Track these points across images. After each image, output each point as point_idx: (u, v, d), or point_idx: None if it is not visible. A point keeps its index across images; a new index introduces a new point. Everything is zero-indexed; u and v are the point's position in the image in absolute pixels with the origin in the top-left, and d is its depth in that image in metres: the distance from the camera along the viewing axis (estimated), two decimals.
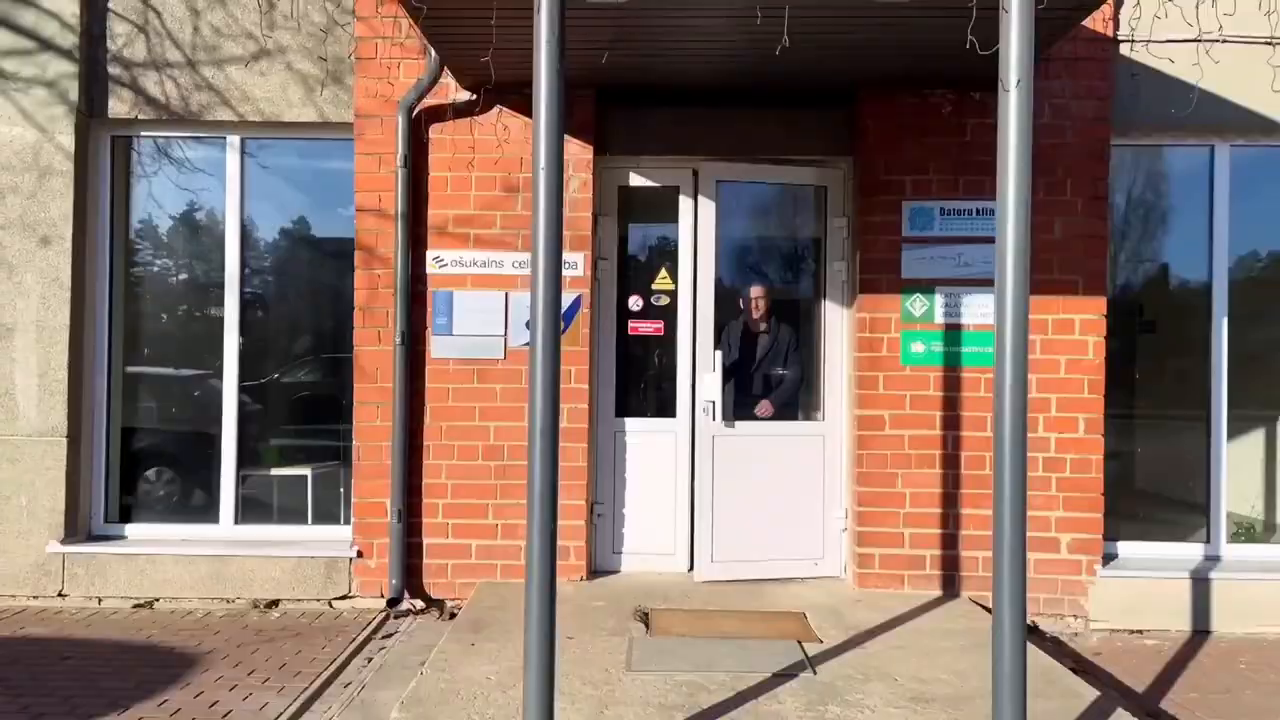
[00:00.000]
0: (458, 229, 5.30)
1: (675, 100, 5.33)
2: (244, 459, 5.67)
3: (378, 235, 5.30)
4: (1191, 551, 5.42)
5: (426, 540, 5.25)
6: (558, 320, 3.04)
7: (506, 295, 5.27)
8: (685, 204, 5.51)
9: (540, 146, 2.97)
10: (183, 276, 5.87)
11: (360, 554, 5.28)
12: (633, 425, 5.47)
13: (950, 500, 5.16)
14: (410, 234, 5.23)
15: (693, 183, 5.50)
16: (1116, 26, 5.19)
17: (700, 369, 5.32)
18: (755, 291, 5.52)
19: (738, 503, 5.25)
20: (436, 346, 5.28)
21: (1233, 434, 5.44)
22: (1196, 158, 5.50)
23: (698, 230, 5.44)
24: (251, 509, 5.67)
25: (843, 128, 5.36)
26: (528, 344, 5.12)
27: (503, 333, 5.27)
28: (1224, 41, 5.10)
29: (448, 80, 5.27)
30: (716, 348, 5.28)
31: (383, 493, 5.23)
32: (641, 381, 5.63)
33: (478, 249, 5.29)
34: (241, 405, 5.63)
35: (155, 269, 5.85)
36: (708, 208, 5.35)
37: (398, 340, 5.19)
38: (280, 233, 5.84)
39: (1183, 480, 5.56)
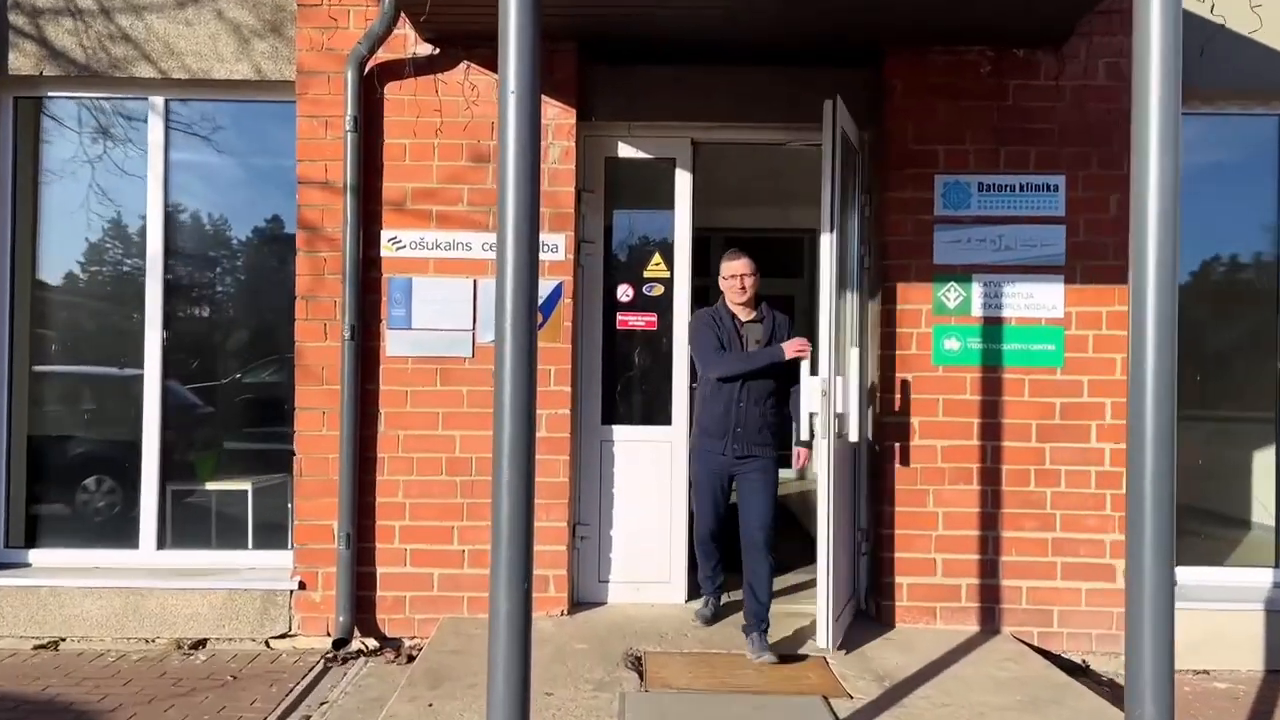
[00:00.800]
0: (418, 205, 4.54)
1: (672, 57, 4.59)
2: (173, 472, 4.88)
3: (323, 211, 4.53)
4: (1261, 578, 4.75)
5: (380, 569, 4.49)
6: (531, 310, 2.31)
7: (475, 283, 4.52)
8: (682, 179, 4.77)
9: (509, 75, 2.22)
10: (100, 261, 5.07)
11: (302, 585, 4.50)
12: (622, 434, 4.74)
13: (989, 521, 4.46)
14: (362, 210, 4.47)
15: (691, 154, 4.77)
16: None
17: None
18: (739, 266, 4.16)
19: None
20: (392, 342, 4.52)
21: None
22: (1265, 127, 4.83)
23: (695, 207, 4.71)
24: (181, 531, 4.88)
25: (863, 90, 4.64)
26: None
27: (470, 326, 4.51)
28: None
29: (405, 31, 4.50)
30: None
31: (329, 513, 4.46)
32: (632, 383, 4.89)
33: (441, 228, 4.53)
34: (170, 409, 4.84)
35: (67, 251, 5.03)
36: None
37: (346, 334, 4.42)
38: (212, 211, 5.04)
39: (1250, 494, 4.90)
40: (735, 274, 4.16)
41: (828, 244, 4.00)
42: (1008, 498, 4.45)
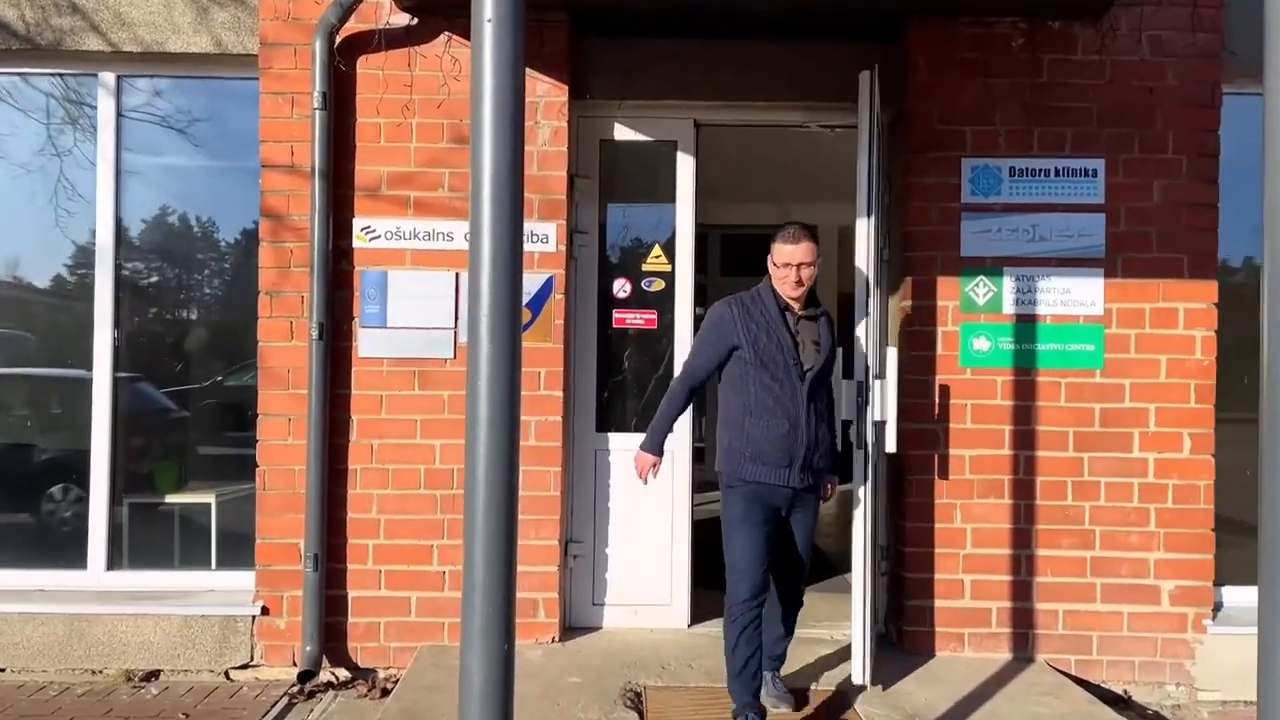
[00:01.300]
0: (393, 190, 4.12)
1: (672, 29, 4.18)
2: (130, 483, 4.45)
3: (289, 198, 4.10)
4: None
5: (352, 592, 4.07)
6: (515, 301, 1.89)
7: (457, 276, 4.10)
8: (684, 163, 4.36)
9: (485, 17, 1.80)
10: (46, 254, 4.62)
11: (265, 610, 4.08)
12: (619, 442, 4.32)
13: (1022, 538, 4.06)
14: (332, 196, 4.04)
15: (694, 136, 4.36)
16: None
17: None
18: (799, 253, 3.22)
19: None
20: (366, 342, 4.09)
21: None
22: None
23: (698, 196, 4.30)
24: (138, 550, 4.43)
25: (882, 67, 4.23)
26: None
27: (452, 324, 4.09)
28: None
29: None
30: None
31: (294, 531, 4.04)
32: (629, 387, 4.48)
33: (420, 216, 4.12)
34: (137, 415, 4.42)
35: (8, 245, 4.59)
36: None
37: (314, 333, 4.00)
38: (169, 198, 4.60)
39: None
40: (791, 262, 3.21)
41: (864, 230, 3.57)
42: (1042, 512, 4.05)
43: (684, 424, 4.29)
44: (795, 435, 3.21)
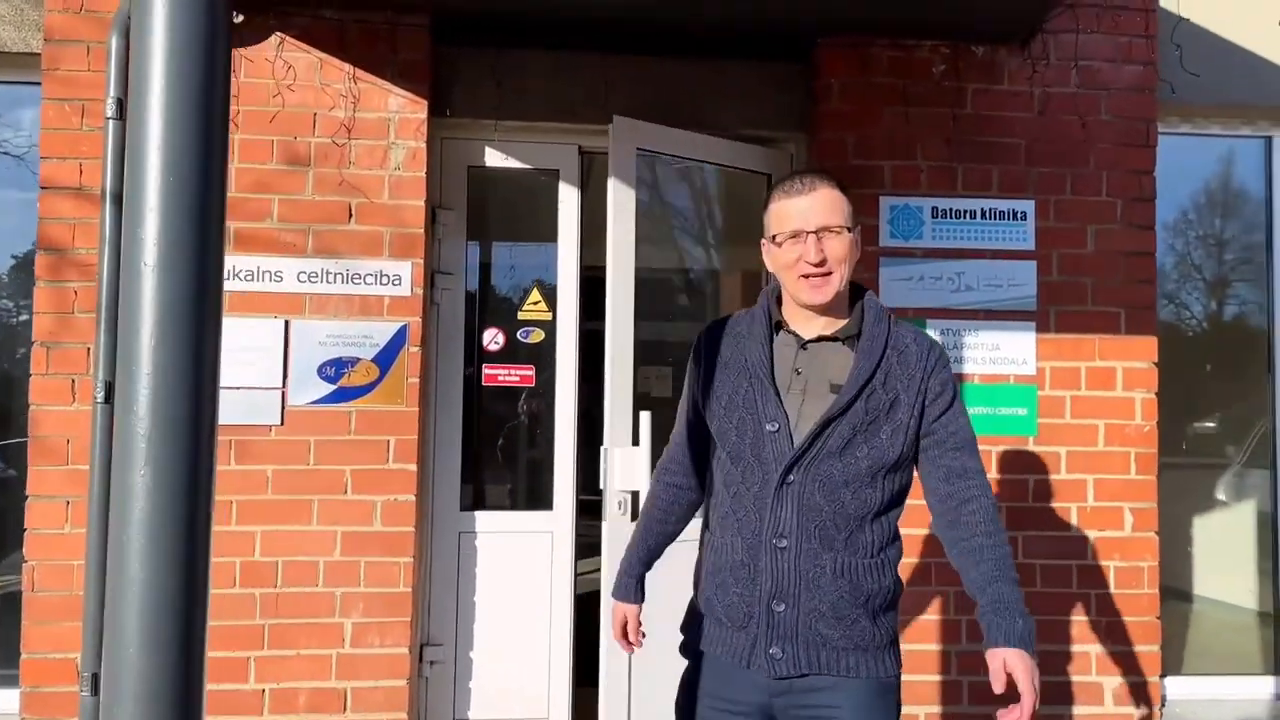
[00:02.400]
0: None
1: (556, 42, 3.61)
2: None
3: (75, 228, 3.33)
4: (1259, 689, 3.97)
5: None
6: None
7: (287, 325, 3.39)
8: (568, 196, 3.77)
9: None
10: None
11: None
12: (488, 522, 3.64)
13: (950, 632, 3.53)
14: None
15: (579, 165, 3.78)
16: None
17: (617, 438, 3.52)
18: (805, 207, 1.88)
19: (666, 636, 3.45)
20: None
21: None
22: (1250, 152, 4.15)
23: (585, 233, 3.70)
24: None
25: (797, 90, 3.76)
26: (321, 401, 3.28)
27: (279, 384, 3.37)
28: None
29: None
30: (640, 407, 3.47)
31: (70, 643, 3.21)
32: (502, 456, 3.82)
33: (241, 252, 3.39)
34: None
35: None
36: (627, 188, 3.63)
37: (100, 395, 3.19)
38: None
39: (1244, 586, 4.14)
40: (804, 229, 1.85)
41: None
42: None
43: (566, 498, 3.65)
44: (752, 567, 1.85)
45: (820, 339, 1.92)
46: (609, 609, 2.42)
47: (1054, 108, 3.68)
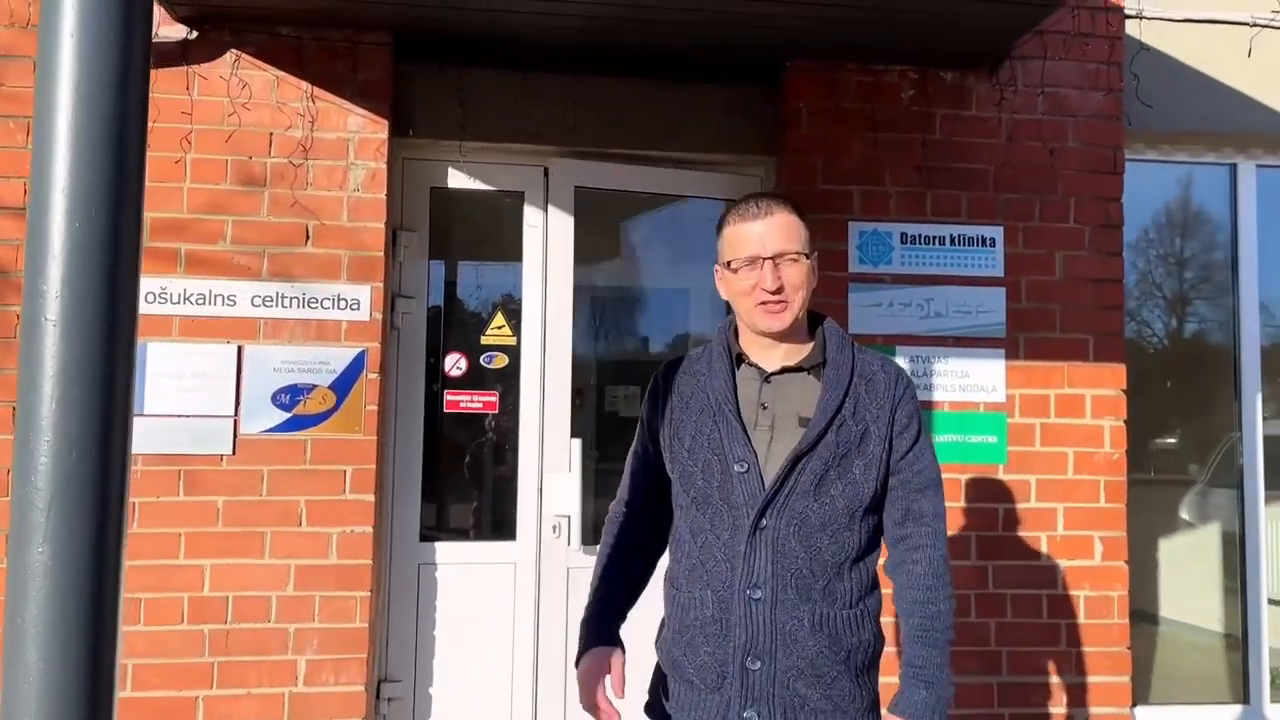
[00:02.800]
0: (160, 242, 3.27)
1: (522, 61, 3.54)
2: None
3: (18, 249, 3.21)
4: (1224, 717, 3.95)
5: None
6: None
7: (240, 350, 3.28)
8: (533, 218, 3.69)
9: None
10: None
11: None
12: (449, 553, 3.54)
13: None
14: None
15: (544, 187, 3.71)
16: None
17: (551, 465, 3.47)
18: (761, 232, 1.82)
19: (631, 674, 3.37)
20: None
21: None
22: (1215, 178, 4.16)
23: (549, 258, 3.63)
24: None
25: (764, 114, 3.72)
26: (275, 430, 3.17)
27: (232, 411, 3.25)
28: (1265, 25, 3.82)
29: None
30: (574, 434, 3.45)
31: None
32: (464, 485, 3.72)
33: (193, 275, 3.28)
34: None
35: None
36: (566, 224, 3.58)
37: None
38: None
39: (1209, 608, 4.13)
40: (760, 254, 1.79)
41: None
42: None
43: (529, 528, 3.56)
44: (724, 622, 1.72)
45: (784, 370, 1.84)
46: (549, 638, 2.25)
47: (1022, 134, 3.68)
